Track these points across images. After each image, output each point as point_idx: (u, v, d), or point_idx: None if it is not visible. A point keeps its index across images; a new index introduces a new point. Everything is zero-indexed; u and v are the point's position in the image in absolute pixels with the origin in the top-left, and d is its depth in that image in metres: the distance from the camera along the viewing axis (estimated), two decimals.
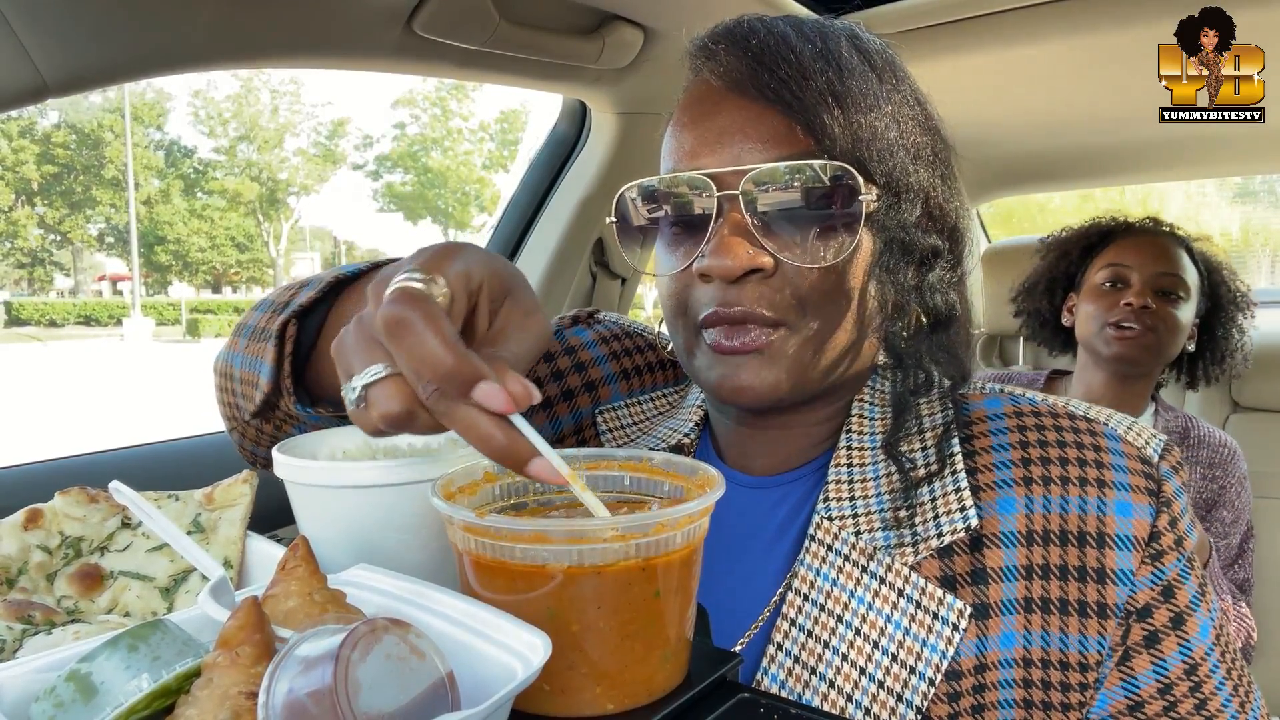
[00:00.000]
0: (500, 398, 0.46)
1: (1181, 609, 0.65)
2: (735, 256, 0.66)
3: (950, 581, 0.65)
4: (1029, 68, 1.59)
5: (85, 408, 13.26)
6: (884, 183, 0.68)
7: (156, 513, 0.58)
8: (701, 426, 0.84)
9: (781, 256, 0.67)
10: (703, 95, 0.71)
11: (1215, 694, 0.65)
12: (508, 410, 0.46)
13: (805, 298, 0.68)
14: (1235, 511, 1.66)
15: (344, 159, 38.76)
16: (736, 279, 0.67)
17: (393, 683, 0.37)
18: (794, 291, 0.68)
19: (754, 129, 0.67)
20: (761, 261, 0.66)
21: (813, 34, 0.69)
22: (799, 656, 0.67)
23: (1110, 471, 0.67)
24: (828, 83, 0.66)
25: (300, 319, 0.70)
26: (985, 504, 0.67)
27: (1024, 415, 0.71)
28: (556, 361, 0.89)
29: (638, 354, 0.93)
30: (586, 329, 0.94)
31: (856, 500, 0.70)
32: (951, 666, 0.64)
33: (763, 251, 0.67)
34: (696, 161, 0.69)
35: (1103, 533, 0.65)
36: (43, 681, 0.41)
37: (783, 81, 0.66)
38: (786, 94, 0.66)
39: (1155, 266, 1.68)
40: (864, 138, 0.67)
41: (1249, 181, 18.11)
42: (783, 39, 0.68)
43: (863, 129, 0.66)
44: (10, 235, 34.23)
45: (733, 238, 0.66)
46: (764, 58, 0.67)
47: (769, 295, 0.67)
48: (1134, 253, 1.72)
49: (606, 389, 0.89)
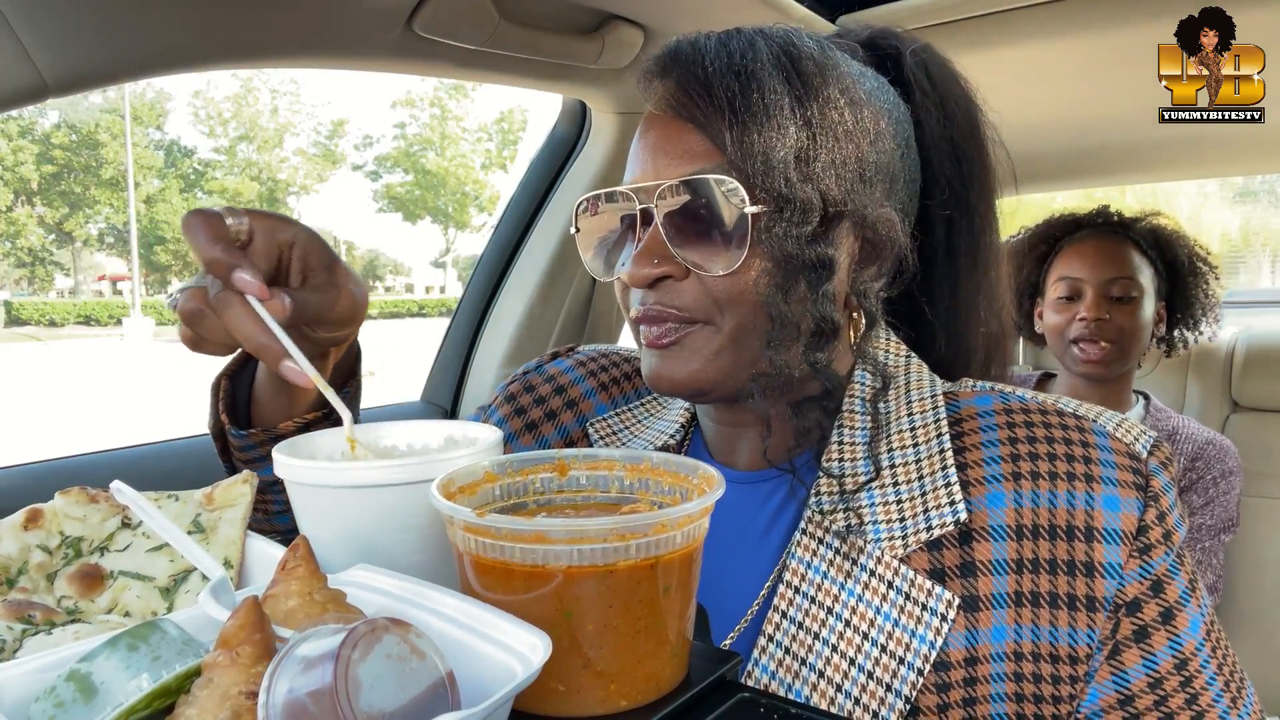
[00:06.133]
0: (253, 284, 0.61)
1: (1171, 604, 0.66)
2: (644, 266, 0.71)
3: (939, 574, 0.66)
4: (1029, 68, 1.59)
5: (85, 408, 13.26)
6: (772, 195, 0.68)
7: (157, 513, 0.58)
8: (688, 427, 0.87)
9: (688, 264, 0.71)
10: (645, 117, 0.77)
11: (1206, 689, 0.66)
12: (257, 294, 0.62)
13: (717, 299, 0.71)
14: (1206, 498, 1.68)
15: (344, 159, 38.78)
16: (651, 284, 0.72)
17: (393, 682, 0.37)
18: (706, 293, 0.71)
19: (672, 146, 0.72)
20: (669, 269, 0.71)
21: (737, 48, 0.71)
22: (789, 648, 0.68)
23: (1098, 467, 0.68)
24: (730, 98, 0.68)
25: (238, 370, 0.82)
26: (974, 499, 0.68)
27: (1013, 412, 0.72)
28: (538, 389, 0.96)
29: (613, 368, 0.98)
30: (564, 359, 1.00)
31: (847, 494, 0.71)
32: (940, 657, 0.64)
33: (669, 260, 0.71)
34: (630, 178, 0.75)
35: (1091, 527, 0.66)
36: (43, 681, 0.41)
37: (692, 99, 0.71)
38: (697, 112, 0.70)
39: (1105, 273, 1.72)
40: (755, 151, 0.68)
41: (1249, 181, 18.10)
42: (700, 58, 0.71)
43: (755, 142, 0.68)
44: (10, 235, 34.23)
45: (646, 247, 0.72)
46: (681, 78, 0.72)
47: (679, 298, 0.72)
48: (1082, 261, 1.75)
49: (588, 402, 0.94)
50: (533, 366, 0.99)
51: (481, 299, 1.81)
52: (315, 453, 0.66)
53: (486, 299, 1.80)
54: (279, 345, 0.63)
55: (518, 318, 1.76)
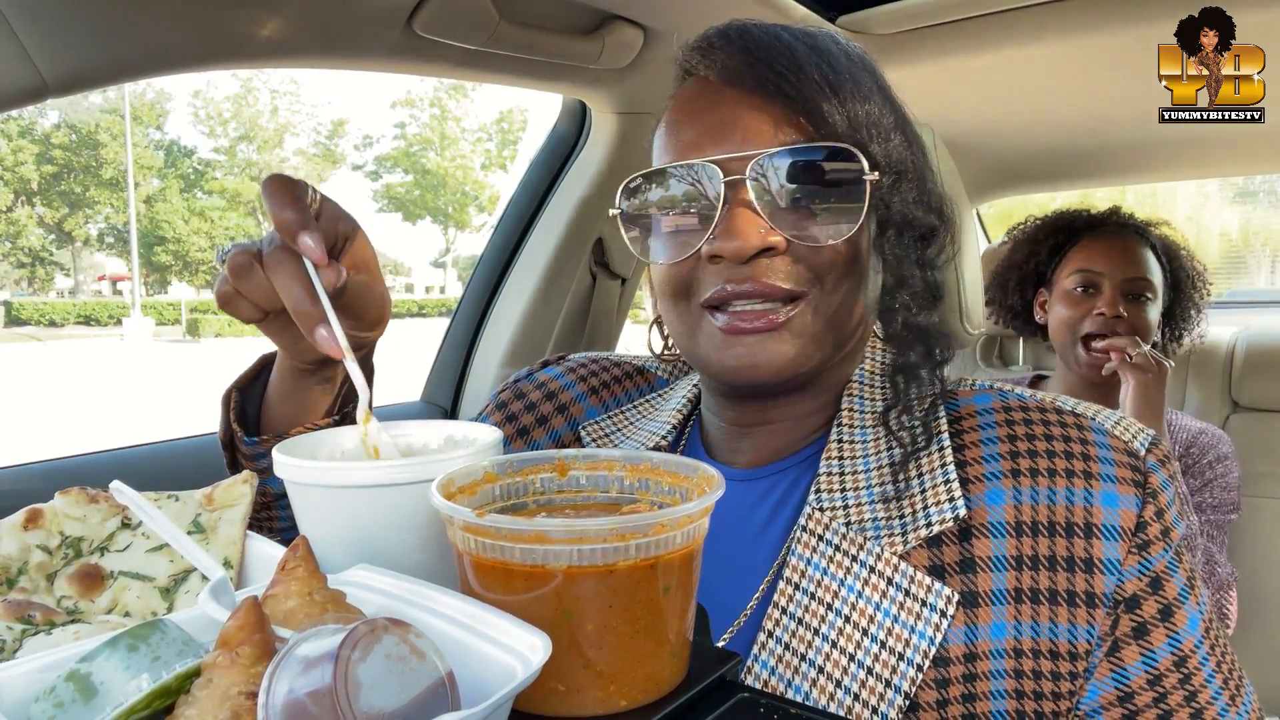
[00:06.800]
0: (315, 250, 0.63)
1: (1170, 601, 0.66)
2: (747, 236, 0.69)
3: (939, 570, 0.67)
4: (1029, 68, 1.59)
5: (85, 408, 13.26)
6: (884, 164, 0.71)
7: (157, 513, 0.58)
8: (681, 428, 0.87)
9: (790, 236, 0.70)
10: (699, 91, 0.75)
11: (1205, 686, 0.66)
12: (316, 259, 0.63)
13: (819, 271, 0.71)
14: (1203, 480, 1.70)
15: (343, 159, 38.77)
16: (747, 259, 0.70)
17: (393, 683, 0.37)
18: (807, 266, 0.71)
19: (754, 119, 0.71)
20: (773, 240, 0.69)
21: (800, 34, 0.74)
22: (789, 644, 0.68)
23: (1097, 464, 0.68)
24: (821, 75, 0.70)
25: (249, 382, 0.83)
26: (974, 496, 0.69)
27: (1012, 410, 0.73)
28: (529, 395, 0.96)
29: (603, 372, 0.98)
30: (554, 366, 1.00)
31: (848, 491, 0.72)
32: (940, 653, 0.65)
33: (773, 231, 0.69)
34: (699, 152, 0.72)
35: (1090, 523, 0.66)
36: (43, 681, 0.41)
37: (780, 74, 0.70)
38: (786, 85, 0.70)
39: (1124, 271, 1.72)
40: (861, 123, 0.71)
41: (1249, 181, 18.11)
42: (775, 37, 0.73)
43: (858, 115, 0.71)
44: (10, 235, 34.23)
45: (743, 219, 0.69)
46: (760, 53, 0.71)
47: (783, 269, 0.70)
48: (1102, 256, 1.75)
49: (578, 406, 0.94)
50: (523, 374, 1.00)
51: (481, 299, 1.81)
52: (315, 453, 0.66)
53: (486, 299, 1.80)
54: (319, 310, 0.64)
55: (518, 318, 1.76)
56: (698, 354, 0.75)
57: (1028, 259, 1.88)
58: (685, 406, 0.88)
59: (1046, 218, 1.89)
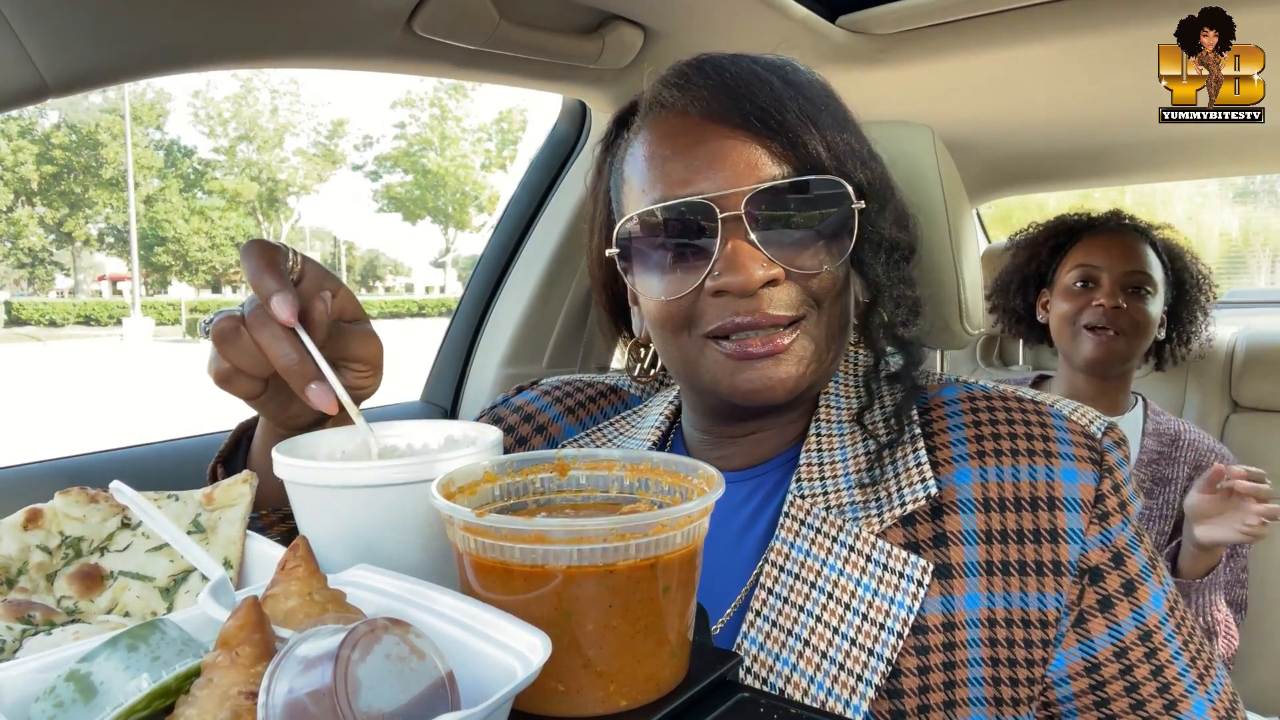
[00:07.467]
0: (286, 309, 0.62)
1: (1132, 576, 0.71)
2: (750, 271, 0.71)
3: (914, 546, 0.71)
4: (1029, 68, 1.59)
5: (85, 408, 13.26)
6: (867, 191, 0.75)
7: (156, 513, 0.58)
8: (661, 443, 0.90)
9: (788, 267, 0.73)
10: (680, 127, 0.76)
11: (1172, 662, 0.70)
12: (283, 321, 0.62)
13: (816, 296, 0.75)
14: None
15: (344, 159, 38.78)
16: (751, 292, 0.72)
17: (392, 682, 0.37)
18: (805, 292, 0.74)
19: (743, 153, 0.73)
20: (774, 273, 0.72)
21: (772, 66, 0.77)
22: (776, 620, 0.72)
23: (1056, 444, 0.73)
24: (799, 107, 0.74)
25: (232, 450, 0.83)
26: (944, 476, 0.74)
27: (976, 399, 0.79)
28: (506, 420, 0.98)
29: (577, 393, 1.00)
30: (530, 390, 1.03)
31: (826, 480, 0.77)
32: (919, 621, 0.69)
33: (773, 264, 0.72)
34: (691, 188, 0.74)
35: (1052, 496, 0.71)
36: (43, 681, 0.41)
37: (763, 109, 0.73)
38: (770, 120, 0.73)
39: (1124, 265, 1.73)
40: (841, 152, 0.75)
41: (1249, 181, 18.11)
42: (752, 72, 0.75)
43: (838, 145, 0.75)
44: (11, 235, 34.23)
45: (744, 254, 0.71)
46: (741, 89, 0.74)
47: (784, 298, 0.73)
48: (1102, 252, 1.76)
49: (556, 426, 0.97)
50: (500, 401, 1.02)
51: (481, 299, 1.80)
52: (315, 453, 0.66)
53: (486, 299, 1.80)
54: (308, 368, 0.64)
55: (517, 318, 1.76)
56: (702, 381, 0.77)
57: (1029, 261, 1.90)
58: (664, 422, 0.90)
59: (1048, 222, 1.91)
